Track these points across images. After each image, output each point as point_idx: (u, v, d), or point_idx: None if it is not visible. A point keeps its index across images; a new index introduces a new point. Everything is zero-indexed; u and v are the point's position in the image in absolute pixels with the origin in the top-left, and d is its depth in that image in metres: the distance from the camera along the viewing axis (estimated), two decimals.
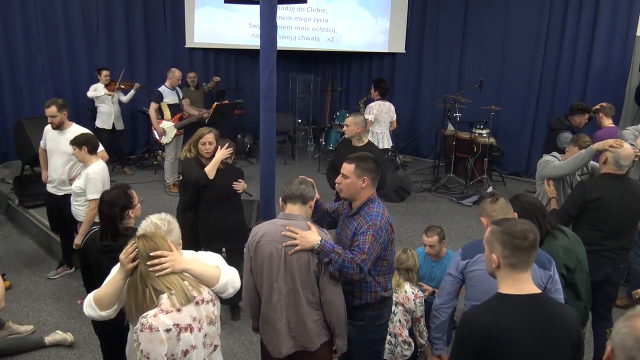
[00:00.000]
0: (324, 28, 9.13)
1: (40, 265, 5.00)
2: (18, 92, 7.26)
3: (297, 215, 2.46)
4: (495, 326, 1.75)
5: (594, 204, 3.16)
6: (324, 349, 2.51)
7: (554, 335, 1.75)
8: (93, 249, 2.64)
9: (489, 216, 2.45)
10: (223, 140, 3.89)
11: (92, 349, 3.70)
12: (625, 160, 3.18)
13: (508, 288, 1.82)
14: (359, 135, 4.34)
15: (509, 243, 1.80)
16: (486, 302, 1.88)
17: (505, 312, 1.78)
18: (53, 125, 4.37)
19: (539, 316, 1.77)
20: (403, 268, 3.36)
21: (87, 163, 3.97)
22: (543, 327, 1.75)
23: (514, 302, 1.79)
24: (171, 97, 6.75)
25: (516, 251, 1.79)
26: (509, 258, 1.81)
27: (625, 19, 6.82)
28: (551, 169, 3.66)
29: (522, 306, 1.78)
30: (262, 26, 3.50)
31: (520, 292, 1.80)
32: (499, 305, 1.82)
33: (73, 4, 7.48)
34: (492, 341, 1.74)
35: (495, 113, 7.15)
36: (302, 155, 9.17)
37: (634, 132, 4.51)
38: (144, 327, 1.81)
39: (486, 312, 1.83)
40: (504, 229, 1.82)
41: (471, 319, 1.83)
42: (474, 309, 1.97)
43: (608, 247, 3.15)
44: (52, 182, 4.52)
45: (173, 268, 1.95)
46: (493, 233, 1.86)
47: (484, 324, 1.77)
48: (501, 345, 1.73)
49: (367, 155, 2.67)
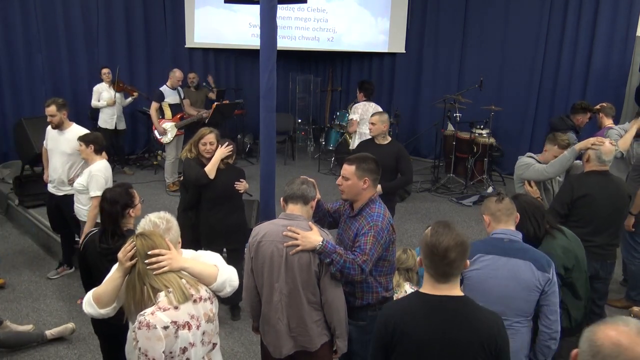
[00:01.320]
0: (324, 28, 9.13)
1: (40, 265, 5.00)
2: (18, 92, 7.26)
3: (299, 216, 2.46)
4: (399, 320, 1.80)
5: (581, 201, 3.22)
6: (324, 350, 2.51)
7: (459, 337, 1.75)
8: (92, 250, 2.64)
9: (492, 214, 2.45)
10: (223, 140, 3.89)
11: (92, 348, 3.70)
12: (607, 155, 3.27)
13: (427, 289, 1.85)
14: (384, 134, 4.41)
15: (428, 254, 1.81)
16: (402, 298, 1.97)
17: (412, 309, 1.82)
18: (52, 124, 4.38)
19: (447, 317, 1.77)
20: (403, 268, 3.35)
21: (90, 162, 3.98)
22: (448, 328, 1.76)
23: (425, 301, 1.82)
24: (172, 97, 6.76)
25: (434, 264, 1.80)
26: (428, 267, 1.83)
27: (625, 19, 6.82)
28: (534, 173, 3.65)
29: (430, 305, 1.80)
30: (262, 26, 3.50)
31: (436, 293, 1.81)
32: (410, 301, 1.88)
33: (73, 4, 7.48)
34: (396, 335, 1.79)
35: (495, 113, 7.15)
36: (302, 155, 9.17)
37: (620, 131, 4.56)
38: (142, 325, 1.82)
39: (396, 307, 1.91)
40: (430, 239, 1.80)
41: (383, 312, 1.91)
42: (389, 303, 2.03)
43: (595, 243, 3.20)
44: (52, 182, 4.53)
45: (171, 266, 1.96)
46: (424, 237, 1.86)
47: (391, 316, 1.83)
48: (403, 339, 1.78)
49: (367, 156, 2.67)
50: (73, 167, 4.44)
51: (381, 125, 4.36)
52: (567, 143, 3.65)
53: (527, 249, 2.37)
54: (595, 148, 3.28)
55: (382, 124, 4.36)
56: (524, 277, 2.28)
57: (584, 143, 3.39)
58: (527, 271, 2.28)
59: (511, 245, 2.36)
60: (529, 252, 2.35)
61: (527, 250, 2.36)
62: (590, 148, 3.31)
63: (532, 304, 2.33)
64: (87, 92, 7.14)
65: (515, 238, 2.39)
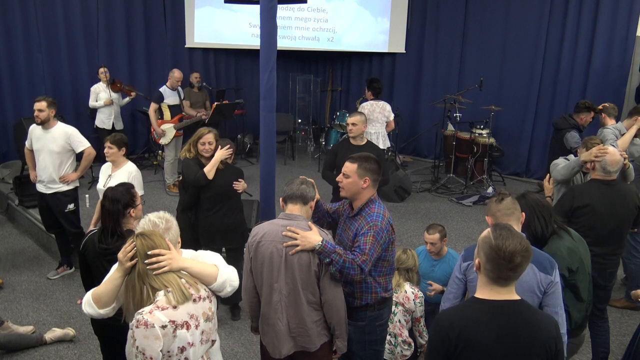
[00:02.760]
0: (324, 28, 9.13)
1: (40, 265, 5.00)
2: (18, 92, 7.26)
3: (298, 216, 2.46)
4: (464, 328, 1.74)
5: (581, 210, 3.14)
6: (324, 350, 2.51)
7: (523, 342, 1.73)
8: (91, 250, 2.64)
9: (493, 216, 2.41)
10: (223, 140, 3.89)
11: (92, 349, 3.70)
12: (612, 166, 3.17)
13: (484, 294, 1.81)
14: (362, 135, 4.37)
15: (492, 259, 1.76)
16: (460, 304, 1.88)
17: (475, 315, 1.77)
18: (38, 119, 4.30)
19: (511, 322, 1.74)
20: (403, 268, 3.35)
21: (119, 164, 3.97)
22: (512, 334, 1.73)
23: (487, 307, 1.78)
24: (172, 98, 6.75)
25: (497, 269, 1.76)
26: (489, 271, 1.79)
27: (625, 19, 6.82)
28: (553, 171, 3.66)
29: (494, 311, 1.76)
30: (262, 26, 3.50)
31: (495, 298, 1.78)
32: (471, 308, 1.81)
33: (73, 4, 7.48)
34: (460, 343, 1.73)
35: (495, 113, 7.15)
36: (302, 155, 9.17)
37: (615, 130, 4.53)
38: (140, 323, 1.82)
39: (457, 314, 1.83)
40: (496, 243, 1.76)
41: (442, 320, 1.83)
42: (447, 310, 1.97)
43: (595, 253, 3.12)
44: (42, 181, 4.49)
45: (171, 266, 1.96)
46: (484, 240, 1.81)
47: (454, 326, 1.76)
48: (467, 348, 1.73)
49: (369, 156, 2.66)
50: (62, 164, 4.42)
51: (362, 126, 4.33)
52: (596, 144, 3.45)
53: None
54: (599, 160, 3.19)
55: (362, 124, 4.34)
56: (526, 278, 2.25)
57: (587, 155, 3.30)
58: (529, 273, 2.25)
59: None
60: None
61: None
62: (594, 160, 3.22)
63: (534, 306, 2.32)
64: (87, 92, 7.12)
65: None
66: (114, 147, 3.92)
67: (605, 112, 4.82)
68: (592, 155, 3.23)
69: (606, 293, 3.38)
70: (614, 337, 3.81)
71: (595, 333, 3.43)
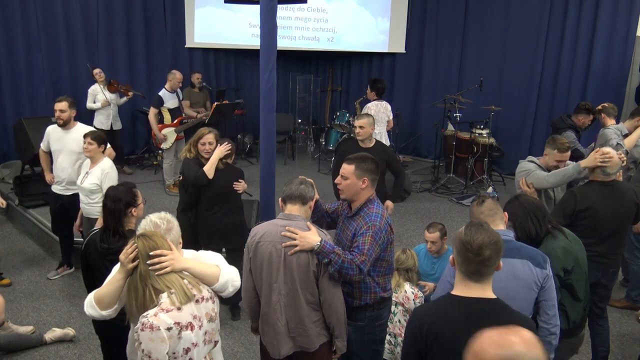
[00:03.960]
0: (324, 28, 9.13)
1: (40, 265, 5.00)
2: (18, 92, 7.26)
3: (297, 216, 2.46)
4: (433, 324, 1.75)
5: (584, 213, 3.14)
6: (323, 350, 2.51)
7: None
8: (93, 250, 2.64)
9: (476, 219, 2.39)
10: (223, 140, 3.89)
11: (92, 348, 3.70)
12: (611, 169, 3.17)
13: (458, 290, 1.82)
14: (370, 137, 4.38)
15: (462, 252, 1.78)
16: (435, 300, 1.89)
17: (446, 310, 1.78)
18: (60, 121, 4.32)
19: (482, 320, 1.71)
20: (402, 268, 3.35)
21: (97, 160, 3.97)
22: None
23: (458, 302, 1.79)
24: (172, 101, 6.65)
25: (466, 261, 1.78)
26: (460, 265, 1.81)
27: (625, 19, 6.82)
28: (534, 179, 3.57)
29: (465, 307, 1.76)
30: (262, 26, 3.50)
31: (468, 294, 1.78)
32: (443, 304, 1.83)
33: (73, 4, 7.48)
34: (430, 337, 1.75)
35: (495, 113, 7.15)
36: (302, 155, 9.17)
37: (616, 131, 4.52)
38: (145, 327, 1.81)
39: (428, 310, 1.85)
40: (464, 237, 1.78)
41: (413, 315, 1.86)
42: (420, 306, 1.97)
43: (598, 252, 3.14)
44: (60, 182, 4.46)
45: (173, 267, 1.96)
46: (457, 235, 1.84)
47: (425, 321, 1.77)
48: (437, 342, 1.74)
49: (366, 156, 2.66)
50: (82, 165, 4.41)
51: (369, 129, 4.34)
52: (567, 147, 3.56)
53: (521, 247, 2.35)
54: (605, 166, 3.16)
55: (370, 127, 4.35)
56: (524, 276, 2.27)
57: (589, 161, 3.26)
58: (526, 270, 2.27)
59: (505, 245, 2.35)
60: (523, 249, 2.34)
61: (521, 249, 2.34)
62: (598, 166, 3.19)
63: (532, 302, 2.32)
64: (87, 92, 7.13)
65: (507, 237, 2.33)
66: (94, 143, 3.91)
67: (604, 112, 4.82)
68: (596, 162, 3.20)
69: (607, 291, 3.39)
70: (614, 337, 3.81)
71: (595, 332, 3.43)
